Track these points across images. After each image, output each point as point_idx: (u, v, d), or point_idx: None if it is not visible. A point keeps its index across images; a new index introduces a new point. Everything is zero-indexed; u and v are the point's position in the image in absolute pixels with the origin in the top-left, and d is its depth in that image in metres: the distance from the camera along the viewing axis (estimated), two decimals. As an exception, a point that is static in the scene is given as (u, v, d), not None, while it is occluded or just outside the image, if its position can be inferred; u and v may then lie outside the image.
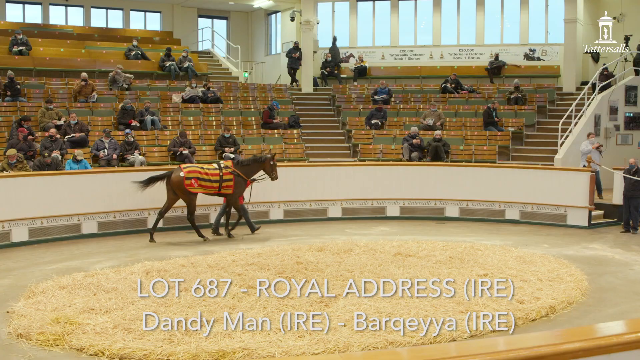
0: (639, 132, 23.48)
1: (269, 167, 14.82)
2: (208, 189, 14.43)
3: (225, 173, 14.38)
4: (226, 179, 14.37)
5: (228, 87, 24.83)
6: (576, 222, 16.38)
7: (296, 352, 7.41)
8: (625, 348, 3.75)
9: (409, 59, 27.46)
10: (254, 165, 14.77)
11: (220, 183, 14.34)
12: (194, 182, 14.13)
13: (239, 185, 14.55)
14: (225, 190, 14.48)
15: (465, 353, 3.40)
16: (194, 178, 14.11)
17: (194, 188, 14.20)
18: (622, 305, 9.87)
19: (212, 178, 14.29)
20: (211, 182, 14.30)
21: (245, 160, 15.14)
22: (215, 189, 14.44)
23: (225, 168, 14.47)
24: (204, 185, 14.27)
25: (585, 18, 25.25)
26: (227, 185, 14.40)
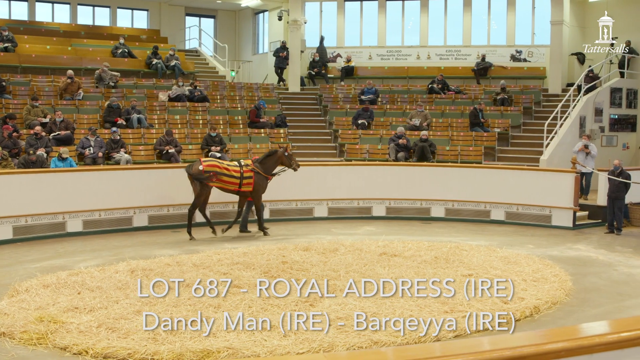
0: (624, 134, 23.67)
1: (286, 160, 14.97)
2: (228, 185, 14.52)
3: (246, 170, 14.53)
4: (247, 177, 14.50)
5: (215, 86, 24.78)
6: (561, 222, 16.47)
7: (281, 351, 7.41)
8: (608, 348, 3.77)
9: (396, 59, 27.50)
10: (269, 160, 14.91)
11: (241, 180, 14.45)
12: (212, 176, 14.24)
13: (259, 182, 14.70)
14: (245, 188, 14.60)
15: (449, 353, 3.41)
16: (212, 172, 14.20)
17: (212, 182, 14.32)
18: (606, 305, 9.93)
19: (233, 174, 14.41)
20: (232, 178, 14.42)
21: (261, 157, 15.22)
22: (236, 185, 14.54)
23: (246, 166, 14.62)
24: (224, 180, 14.38)
25: (571, 20, 25.38)
26: (248, 183, 14.54)
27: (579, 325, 4.08)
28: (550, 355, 3.58)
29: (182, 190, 15.65)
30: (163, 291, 9.38)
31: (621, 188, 15.79)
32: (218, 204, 16.00)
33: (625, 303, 10.08)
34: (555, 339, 3.70)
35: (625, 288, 10.94)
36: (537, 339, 3.72)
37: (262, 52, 30.94)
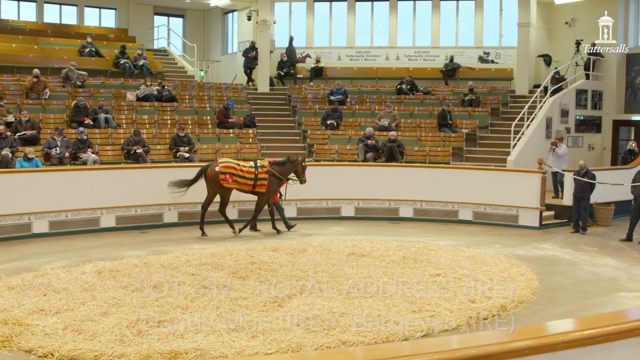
0: (589, 135, 23.99)
1: (300, 169, 15.15)
2: (242, 186, 14.78)
3: (261, 172, 14.74)
4: (261, 178, 14.72)
5: (183, 85, 24.66)
6: (527, 222, 16.65)
7: (249, 352, 7.39)
8: (571, 346, 3.83)
9: (365, 60, 27.58)
10: (288, 165, 15.08)
11: (255, 181, 14.67)
12: (229, 178, 14.51)
13: (272, 184, 14.86)
14: (259, 189, 14.82)
15: (418, 352, 3.43)
16: (228, 173, 14.47)
17: (228, 183, 14.57)
18: (571, 304, 10.06)
19: (247, 175, 14.63)
20: (246, 179, 14.66)
21: (280, 160, 15.33)
22: (250, 187, 14.79)
23: (262, 167, 14.81)
24: (239, 181, 14.64)
25: (538, 22, 25.67)
26: (262, 184, 14.75)
27: (542, 323, 4.13)
28: (514, 353, 3.62)
29: (150, 191, 15.59)
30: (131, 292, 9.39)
31: (586, 188, 16.01)
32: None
33: (590, 301, 10.22)
34: (520, 337, 3.74)
35: (590, 287, 11.08)
36: (502, 337, 3.75)
37: (231, 52, 30.85)
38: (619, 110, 24.51)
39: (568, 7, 25.67)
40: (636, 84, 24.23)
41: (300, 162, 15.12)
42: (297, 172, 15.16)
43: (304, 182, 15.29)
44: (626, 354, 4.10)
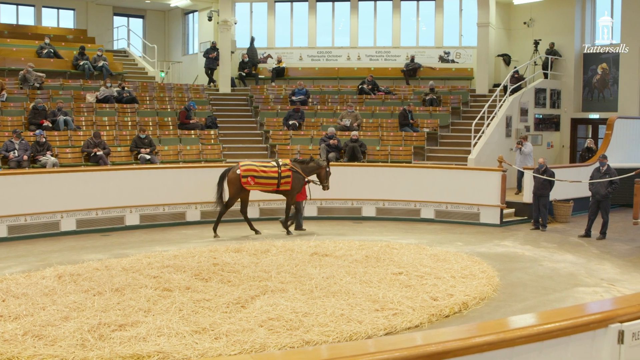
0: (548, 133, 24.34)
1: (324, 174, 15.20)
2: (266, 186, 14.90)
3: (284, 170, 14.81)
4: (285, 176, 14.79)
5: (144, 87, 24.46)
6: (489, 220, 16.85)
7: (212, 354, 7.35)
8: (528, 341, 3.88)
9: (327, 60, 27.64)
10: (312, 165, 15.20)
11: (279, 180, 14.73)
12: (250, 180, 14.61)
13: (297, 181, 14.92)
14: (284, 187, 14.90)
15: (383, 349, 3.45)
16: (250, 176, 14.54)
17: (251, 186, 14.68)
18: (531, 300, 10.20)
19: (269, 175, 14.69)
20: (268, 180, 14.73)
21: (305, 159, 15.43)
22: (274, 186, 14.88)
23: (284, 165, 14.88)
24: (261, 182, 14.74)
25: (497, 22, 25.97)
26: (286, 182, 14.83)
27: (501, 319, 4.19)
28: (473, 349, 3.65)
29: (111, 193, 15.44)
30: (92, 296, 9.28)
31: (546, 185, 16.24)
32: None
33: (549, 297, 10.37)
34: (479, 333, 3.78)
35: (550, 282, 11.25)
36: (461, 333, 3.79)
37: (192, 53, 30.66)
38: (577, 108, 24.91)
39: (526, 7, 26.01)
40: (593, 82, 24.64)
41: (325, 167, 15.22)
42: (320, 175, 15.25)
43: (327, 188, 15.35)
44: (582, 347, 4.17)
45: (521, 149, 18.97)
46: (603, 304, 4.87)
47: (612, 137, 20.23)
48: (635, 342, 4.31)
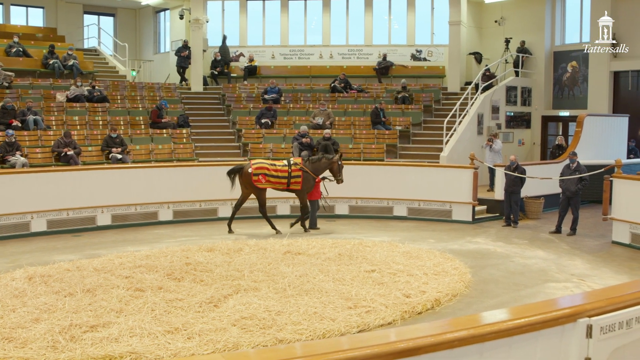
0: (519, 131, 24.55)
1: (336, 168, 15.29)
2: (276, 185, 15.09)
3: (294, 170, 14.95)
4: (295, 176, 14.95)
5: (115, 85, 24.26)
6: (461, 217, 16.95)
7: (185, 353, 7.33)
8: (499, 336, 3.91)
9: (299, 58, 27.62)
10: (322, 163, 15.29)
11: (289, 179, 14.90)
12: (262, 178, 14.76)
13: (307, 181, 15.04)
14: (294, 186, 15.08)
15: (357, 345, 3.46)
16: (261, 174, 14.68)
17: (262, 184, 14.80)
18: (503, 296, 10.29)
19: (280, 174, 14.85)
20: (279, 178, 14.90)
21: (315, 157, 15.50)
22: (284, 185, 15.06)
23: (295, 165, 15.00)
24: (272, 181, 14.89)
25: (468, 21, 26.13)
26: (296, 182, 14.99)
27: (472, 315, 4.22)
28: (444, 345, 3.68)
29: (82, 193, 15.30)
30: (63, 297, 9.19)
31: (517, 182, 16.37)
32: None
33: (520, 293, 10.47)
34: (450, 329, 3.80)
35: (521, 278, 11.36)
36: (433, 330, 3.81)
37: (164, 52, 30.47)
38: (547, 106, 25.16)
39: (497, 6, 26.22)
40: (563, 80, 24.91)
41: (336, 160, 15.30)
42: (332, 170, 15.34)
43: (341, 181, 15.43)
44: (552, 341, 4.21)
45: (491, 146, 19.13)
46: (572, 299, 4.92)
47: (582, 134, 20.45)
48: (603, 336, 4.36)
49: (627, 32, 22.97)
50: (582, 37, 24.64)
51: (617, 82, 23.70)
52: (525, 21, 25.43)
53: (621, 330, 4.51)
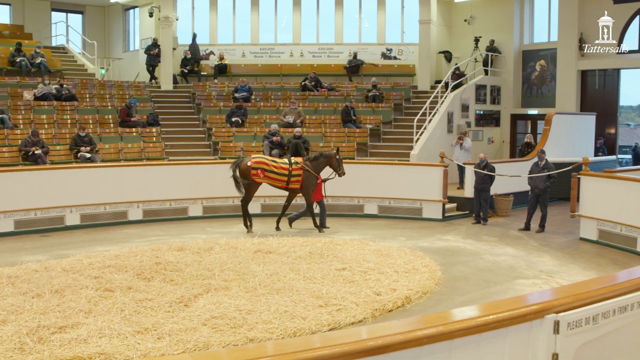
0: (489, 129, 24.75)
1: (335, 162, 15.21)
2: (275, 181, 14.99)
3: (295, 168, 14.84)
4: (295, 174, 14.83)
5: (84, 84, 24.01)
6: (431, 215, 17.04)
7: (155, 354, 7.27)
8: (467, 333, 3.94)
9: (270, 56, 27.58)
10: (321, 160, 15.18)
11: (289, 177, 14.77)
12: (260, 173, 14.67)
13: (307, 180, 14.92)
14: (293, 185, 14.95)
15: (329, 343, 3.47)
16: (260, 169, 14.59)
17: (259, 178, 14.72)
18: (473, 293, 10.35)
19: (280, 171, 14.76)
20: (278, 175, 14.81)
21: (312, 156, 15.38)
22: (284, 183, 14.96)
23: (295, 164, 14.89)
24: (271, 177, 14.79)
25: (438, 19, 26.28)
26: (296, 180, 14.85)
27: (441, 312, 4.24)
28: (413, 343, 3.70)
29: (50, 193, 15.13)
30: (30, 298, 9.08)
31: (486, 180, 16.51)
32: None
33: (490, 289, 10.55)
34: (419, 327, 3.82)
35: (491, 275, 11.44)
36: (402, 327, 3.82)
37: (133, 50, 30.21)
38: (516, 104, 25.40)
39: (467, 5, 26.40)
40: (532, 79, 25.15)
41: (334, 155, 15.22)
42: (332, 165, 15.28)
43: (343, 174, 15.40)
44: (520, 338, 4.26)
45: (462, 144, 19.27)
46: (539, 295, 4.97)
47: (550, 132, 20.68)
48: (570, 331, 4.42)
49: (593, 31, 23.25)
50: (550, 36, 24.91)
51: (584, 81, 24.01)
52: (494, 20, 25.64)
53: (588, 325, 4.56)
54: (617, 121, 24.31)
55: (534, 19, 25.59)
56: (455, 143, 19.67)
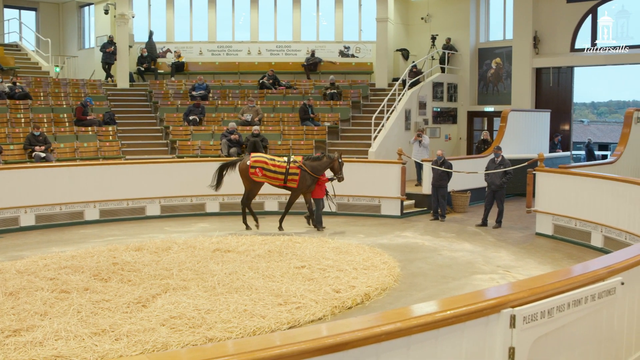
0: (446, 126, 24.95)
1: (337, 166, 15.15)
2: (273, 180, 14.97)
3: (292, 167, 14.76)
4: (292, 173, 14.76)
5: (38, 82, 23.62)
6: (389, 212, 17.13)
7: (113, 355, 7.19)
8: (425, 329, 3.96)
9: (227, 54, 27.44)
10: (324, 161, 15.09)
11: (286, 176, 14.71)
12: (258, 172, 14.65)
13: (304, 180, 14.82)
14: (290, 184, 14.87)
15: (289, 342, 3.46)
16: (258, 167, 14.56)
17: (258, 177, 14.69)
18: (431, 288, 10.44)
19: (277, 170, 14.69)
20: (276, 174, 14.75)
21: (315, 156, 15.26)
22: (281, 181, 14.95)
23: (294, 162, 14.81)
24: (269, 175, 14.74)
25: (395, 18, 26.42)
26: (292, 179, 14.78)
27: (400, 308, 4.26)
28: (371, 339, 3.71)
29: (4, 194, 14.85)
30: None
31: (444, 177, 16.65)
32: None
33: (448, 285, 10.64)
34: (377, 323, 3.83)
35: (449, 271, 11.55)
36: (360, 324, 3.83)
37: (89, 47, 29.77)
38: (473, 102, 25.66)
39: (423, 3, 26.59)
40: (488, 76, 25.44)
41: (336, 158, 15.14)
42: (333, 168, 15.20)
43: (342, 179, 15.35)
44: (477, 332, 4.30)
45: (421, 142, 19.39)
46: (496, 290, 5.03)
47: (506, 129, 20.93)
48: (526, 325, 4.48)
49: (547, 30, 23.63)
50: (505, 34, 25.22)
51: (539, 78, 24.36)
52: (450, 18, 25.87)
53: (543, 319, 4.63)
54: (571, 118, 24.71)
55: (490, 18, 25.90)
56: (413, 140, 19.79)
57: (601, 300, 5.20)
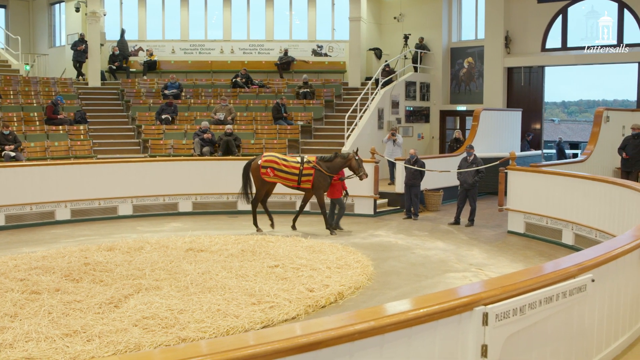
0: (419, 125, 25.08)
1: (355, 164, 14.80)
2: (285, 181, 14.73)
3: (306, 167, 14.51)
4: (306, 174, 14.51)
5: (7, 80, 23.33)
6: (363, 210, 17.18)
7: (84, 357, 7.13)
8: (398, 327, 3.98)
9: (200, 53, 27.32)
10: (337, 161, 14.77)
11: (300, 177, 14.47)
12: (270, 172, 14.42)
13: (319, 180, 14.58)
14: (304, 185, 14.63)
15: (263, 341, 3.46)
16: (270, 167, 14.34)
17: (269, 177, 14.46)
18: (404, 287, 10.48)
19: (290, 170, 14.46)
20: (288, 174, 14.54)
21: (328, 156, 14.94)
22: (294, 182, 14.71)
23: (307, 163, 14.55)
24: (280, 175, 14.52)
25: (368, 17, 26.49)
26: (307, 180, 14.54)
27: (374, 307, 4.27)
28: (345, 338, 3.71)
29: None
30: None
31: (417, 176, 16.73)
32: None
33: (421, 283, 10.69)
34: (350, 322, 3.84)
35: (422, 269, 11.60)
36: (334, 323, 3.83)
37: (60, 45, 29.45)
38: (445, 101, 25.81)
39: (396, 2, 26.67)
40: (460, 76, 25.59)
41: (352, 157, 14.83)
42: (352, 167, 14.87)
43: (365, 176, 15.07)
44: (450, 330, 4.32)
45: (395, 141, 19.46)
46: (468, 288, 5.06)
47: (478, 128, 21.08)
48: (498, 323, 4.51)
49: (518, 30, 23.84)
50: (477, 34, 25.40)
51: (510, 77, 24.57)
52: (423, 18, 25.99)
53: (515, 316, 4.67)
54: (542, 117, 24.95)
55: (462, 17, 26.06)
56: (387, 139, 19.85)
57: (572, 297, 5.26)
